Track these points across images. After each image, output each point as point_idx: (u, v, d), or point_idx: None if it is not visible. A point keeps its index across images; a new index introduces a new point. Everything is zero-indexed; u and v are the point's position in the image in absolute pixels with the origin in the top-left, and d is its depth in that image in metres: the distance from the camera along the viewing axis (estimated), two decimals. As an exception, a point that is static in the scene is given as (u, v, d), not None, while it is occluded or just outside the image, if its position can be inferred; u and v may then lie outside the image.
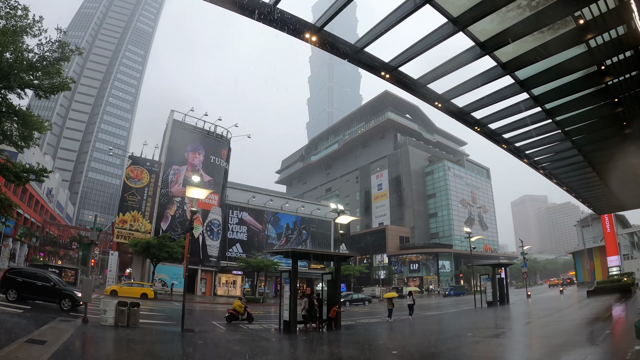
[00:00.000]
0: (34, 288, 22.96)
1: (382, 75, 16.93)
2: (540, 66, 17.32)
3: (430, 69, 17.69)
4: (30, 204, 75.65)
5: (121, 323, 19.00)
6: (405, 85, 18.01)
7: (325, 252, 23.55)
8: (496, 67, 17.18)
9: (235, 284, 65.40)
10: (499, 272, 44.14)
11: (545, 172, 31.98)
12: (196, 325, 23.39)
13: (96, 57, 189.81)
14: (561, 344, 16.32)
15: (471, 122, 21.84)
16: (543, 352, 15.24)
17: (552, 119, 21.80)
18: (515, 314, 34.51)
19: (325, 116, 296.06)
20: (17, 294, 22.69)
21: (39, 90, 19.48)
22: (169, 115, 61.49)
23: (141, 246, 48.07)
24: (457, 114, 20.76)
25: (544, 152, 27.60)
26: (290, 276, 21.51)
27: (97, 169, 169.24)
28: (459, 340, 19.55)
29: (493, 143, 24.66)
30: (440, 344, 18.74)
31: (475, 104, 20.41)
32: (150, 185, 57.57)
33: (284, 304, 21.35)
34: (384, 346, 18.59)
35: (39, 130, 19.91)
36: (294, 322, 20.93)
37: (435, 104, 19.48)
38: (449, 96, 19.43)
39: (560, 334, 18.95)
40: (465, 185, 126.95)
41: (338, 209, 28.52)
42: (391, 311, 28.98)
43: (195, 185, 21.28)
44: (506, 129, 23.38)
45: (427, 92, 18.91)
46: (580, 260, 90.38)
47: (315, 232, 74.75)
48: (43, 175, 20.97)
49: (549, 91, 19.26)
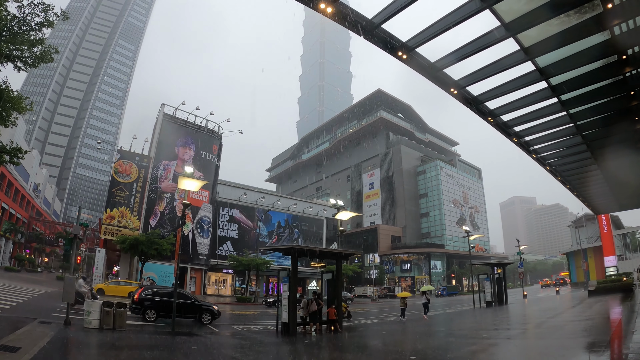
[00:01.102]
0: (169, 306, 21.81)
1: (399, 55, 15.92)
2: (561, 53, 16.64)
3: (449, 52, 16.72)
4: (15, 199, 73.87)
5: (106, 325, 17.61)
6: (421, 68, 17.07)
7: (327, 250, 22.23)
8: (517, 52, 16.47)
9: (225, 283, 64.07)
10: (497, 272, 43.23)
11: (551, 169, 31.79)
12: (188, 327, 21.99)
13: (86, 51, 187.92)
14: (591, 343, 15.35)
15: (485, 112, 21.12)
16: (577, 352, 14.22)
17: (566, 111, 21.33)
18: (520, 314, 33.61)
19: (316, 115, 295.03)
20: (156, 314, 22.80)
21: (18, 61, 17.51)
22: (159, 108, 59.95)
23: (129, 243, 46.39)
24: (471, 102, 19.95)
25: (553, 147, 27.28)
26: (289, 275, 20.23)
27: (85, 165, 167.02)
28: (476, 342, 18.29)
29: (504, 136, 24.23)
30: (458, 346, 17.45)
31: (491, 92, 19.71)
32: (139, 181, 55.92)
33: (283, 305, 20.08)
34: (399, 351, 17.24)
35: (19, 110, 17.69)
36: (294, 324, 19.62)
37: (451, 90, 18.59)
38: (465, 82, 18.54)
39: (584, 333, 18.03)
40: (457, 186, 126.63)
41: (337, 204, 27.30)
42: (404, 310, 28.72)
43: (188, 177, 19.90)
44: (518, 121, 22.93)
45: (443, 77, 17.96)
46: (574, 261, 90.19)
47: (307, 230, 73.56)
48: (17, 155, 18.56)
49: (566, 81, 18.57)
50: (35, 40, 17.17)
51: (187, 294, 24.93)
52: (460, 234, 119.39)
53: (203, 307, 24.40)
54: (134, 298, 23.38)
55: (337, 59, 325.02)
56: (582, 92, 19.50)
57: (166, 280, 53.51)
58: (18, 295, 27.19)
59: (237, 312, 33.52)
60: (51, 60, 17.91)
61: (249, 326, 23.34)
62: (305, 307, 20.72)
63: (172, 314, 18.76)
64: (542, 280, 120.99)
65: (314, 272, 59.40)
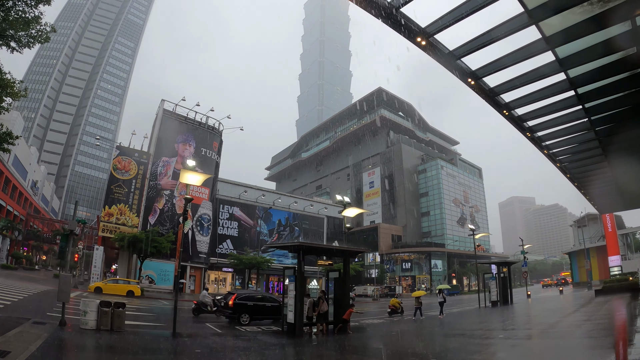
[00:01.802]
0: (265, 309, 24.80)
1: (418, 41, 15.42)
2: (581, 44, 16.02)
3: (467, 40, 16.17)
4: (13, 195, 73.06)
5: (104, 326, 16.52)
6: (439, 56, 16.61)
7: (335, 247, 21.43)
8: (538, 42, 15.94)
9: (225, 282, 63.35)
10: (503, 272, 42.57)
11: (561, 166, 31.56)
12: (189, 327, 21.12)
13: (85, 48, 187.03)
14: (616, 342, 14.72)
15: (500, 105, 20.71)
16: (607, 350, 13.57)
17: (582, 105, 20.82)
18: (530, 314, 33.02)
19: (315, 114, 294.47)
20: (250, 317, 23.71)
21: (11, 41, 16.38)
22: (159, 104, 59.22)
23: (128, 240, 45.75)
24: (488, 93, 19.51)
25: (565, 143, 26.96)
26: (295, 273, 19.41)
27: (84, 163, 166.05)
28: (497, 343, 17.54)
29: (518, 130, 24.01)
30: (480, 347, 16.61)
31: (508, 84, 19.25)
32: (138, 177, 55.14)
33: (289, 305, 19.33)
34: (419, 353, 16.31)
35: (12, 95, 16.39)
36: (300, 324, 18.82)
37: (469, 80, 18.09)
38: (482, 73, 17.98)
39: (605, 332, 17.55)
40: (457, 185, 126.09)
41: (344, 201, 26.57)
42: (418, 309, 29.17)
43: (191, 169, 19.10)
44: (533, 115, 22.56)
45: (461, 67, 17.40)
46: (576, 261, 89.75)
47: (308, 229, 72.86)
48: (7, 141, 17.00)
49: (584, 73, 17.96)
50: (31, 19, 16.06)
51: (275, 298, 26.87)
52: (461, 233, 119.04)
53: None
54: (228, 303, 23.95)
55: (336, 57, 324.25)
56: (600, 86, 18.94)
57: (165, 279, 52.88)
58: (13, 294, 26.36)
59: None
60: (47, 39, 16.71)
61: (251, 327, 22.46)
62: (311, 307, 19.95)
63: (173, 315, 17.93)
64: (543, 280, 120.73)
65: (314, 270, 58.63)
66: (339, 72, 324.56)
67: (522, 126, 23.26)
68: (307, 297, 20.08)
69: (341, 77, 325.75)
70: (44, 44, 16.80)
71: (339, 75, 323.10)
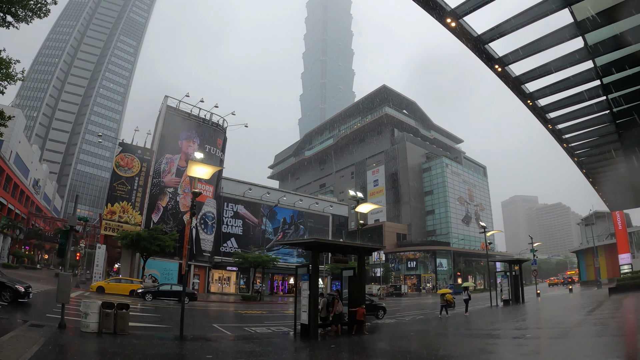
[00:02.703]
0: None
1: (447, 22, 14.84)
2: (610, 31, 15.48)
3: (496, 24, 15.51)
4: (14, 194, 72.32)
5: (106, 329, 15.43)
6: (468, 40, 15.97)
7: (350, 244, 20.41)
8: (568, 26, 15.42)
9: (229, 281, 62.42)
10: (514, 269, 41.71)
11: (578, 161, 31.59)
12: (196, 329, 19.73)
13: (87, 47, 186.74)
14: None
15: (524, 94, 20.24)
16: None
17: (606, 95, 20.39)
18: (547, 312, 32.23)
19: (318, 113, 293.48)
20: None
21: (7, 15, 15.05)
22: (162, 101, 58.32)
23: (131, 239, 44.71)
24: (512, 82, 19.04)
25: (584, 136, 26.91)
26: (309, 272, 18.38)
27: (86, 162, 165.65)
28: (527, 343, 16.50)
29: (539, 121, 23.91)
30: (512, 348, 15.66)
31: (533, 72, 18.62)
32: (141, 175, 54.23)
33: (302, 305, 18.25)
34: (450, 355, 15.30)
35: (8, 77, 14.83)
36: (315, 325, 17.73)
37: (495, 67, 17.50)
38: (508, 60, 17.26)
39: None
40: (462, 183, 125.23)
41: (357, 196, 25.63)
42: (443, 307, 29.77)
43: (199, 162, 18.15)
44: (555, 106, 22.36)
45: (488, 52, 16.66)
46: (584, 259, 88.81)
47: (313, 227, 71.85)
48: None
49: (612, 62, 17.45)
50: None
51: (368, 296, 30.21)
52: (466, 232, 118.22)
53: (378, 305, 29.66)
54: None
55: (339, 56, 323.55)
56: (625, 76, 18.44)
57: (169, 278, 51.99)
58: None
59: (245, 312, 31.70)
60: (47, 13, 15.40)
61: (261, 328, 21.47)
62: (325, 307, 18.94)
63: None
64: (549, 279, 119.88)
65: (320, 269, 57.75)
66: (342, 70, 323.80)
67: (545, 117, 22.88)
68: (320, 297, 19.07)
69: (344, 76, 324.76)
70: (42, 18, 15.48)
71: (341, 74, 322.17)
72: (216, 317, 25.41)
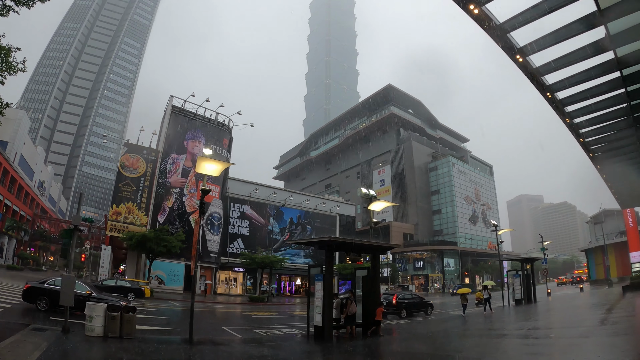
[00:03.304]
0: (413, 305, 31.30)
1: (470, 9, 14.42)
2: (632, 20, 14.76)
3: (519, 12, 14.94)
4: (19, 195, 72.01)
5: (112, 333, 14.75)
6: (490, 28, 15.47)
7: (365, 242, 19.67)
8: (591, 15, 14.82)
9: (236, 282, 61.81)
10: (526, 268, 41.05)
11: (594, 156, 30.95)
12: (205, 332, 18.96)
13: (91, 49, 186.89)
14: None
15: (543, 86, 19.75)
16: None
17: (625, 87, 19.92)
18: (564, 311, 31.27)
19: (322, 113, 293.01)
20: (406, 312, 29.71)
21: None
22: (167, 101, 57.86)
23: (136, 240, 44.07)
24: (532, 73, 18.55)
25: (600, 131, 26.16)
26: (323, 272, 17.70)
27: (91, 164, 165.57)
28: (554, 343, 15.91)
29: (557, 114, 23.48)
30: (539, 349, 14.98)
31: (554, 63, 18.02)
32: (146, 175, 53.72)
33: (316, 306, 17.54)
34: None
35: (8, 68, 13.77)
36: (329, 328, 17.06)
37: (517, 57, 17.03)
38: (529, 50, 16.72)
39: None
40: (469, 182, 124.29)
41: (370, 194, 24.93)
42: (465, 306, 30.44)
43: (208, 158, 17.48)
44: (572, 99, 21.85)
45: (510, 41, 16.09)
46: (593, 258, 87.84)
47: (320, 227, 71.21)
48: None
49: (634, 52, 16.76)
50: None
51: (419, 295, 36.59)
52: (473, 231, 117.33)
53: (427, 303, 32.54)
54: (391, 302, 29.19)
55: (343, 56, 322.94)
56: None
57: (175, 279, 51.57)
58: (15, 296, 24.70)
59: (254, 314, 31.01)
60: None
61: (272, 330, 20.73)
62: (339, 308, 18.25)
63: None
64: (557, 278, 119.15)
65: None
66: (346, 71, 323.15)
67: (562, 111, 22.34)
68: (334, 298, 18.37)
69: (348, 76, 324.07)
70: (45, 2, 14.55)
71: (345, 75, 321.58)
72: (224, 319, 24.76)
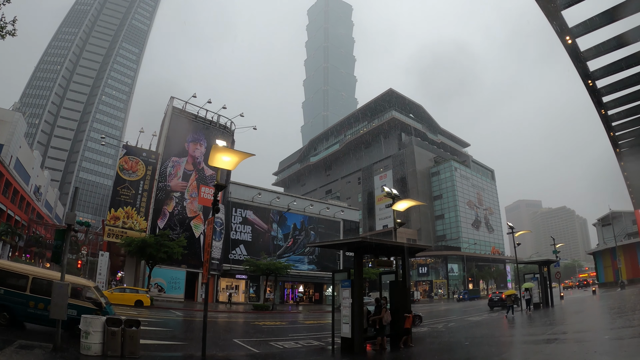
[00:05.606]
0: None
1: None
2: None
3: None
4: (14, 200, 70.08)
5: (112, 351, 12.62)
6: (545, 3, 13.90)
7: (398, 243, 17.89)
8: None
9: (238, 289, 59.94)
10: (543, 271, 39.71)
11: (620, 152, 29.65)
12: (216, 346, 16.67)
13: (90, 54, 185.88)
14: None
15: (585, 73, 18.31)
16: None
17: None
18: (591, 314, 30.03)
19: (321, 119, 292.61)
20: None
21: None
22: (168, 102, 56.20)
23: (135, 245, 42.09)
24: (577, 58, 17.00)
25: (631, 124, 24.64)
26: (351, 277, 15.88)
27: (89, 169, 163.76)
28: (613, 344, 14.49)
29: (594, 104, 22.50)
30: (607, 348, 13.59)
31: (598, 48, 16.59)
32: (146, 178, 51.91)
33: (343, 316, 15.73)
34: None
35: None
36: (359, 339, 15.23)
37: (566, 39, 15.90)
38: (579, 31, 15.36)
39: None
40: (471, 187, 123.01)
41: (392, 193, 23.24)
42: (510, 307, 31.69)
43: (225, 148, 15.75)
44: (611, 88, 20.48)
45: (562, 20, 14.82)
46: (602, 260, 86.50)
47: (324, 233, 69.46)
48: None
49: None
50: None
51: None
52: (476, 236, 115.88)
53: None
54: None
55: (341, 63, 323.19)
56: None
57: (175, 287, 49.88)
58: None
59: (263, 323, 28.99)
60: None
61: (289, 342, 18.70)
62: (366, 318, 16.41)
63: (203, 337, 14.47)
64: (564, 282, 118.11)
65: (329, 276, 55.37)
66: (344, 77, 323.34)
67: (600, 101, 21.08)
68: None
69: (346, 83, 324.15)
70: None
71: (343, 81, 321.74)
72: (233, 330, 22.88)
